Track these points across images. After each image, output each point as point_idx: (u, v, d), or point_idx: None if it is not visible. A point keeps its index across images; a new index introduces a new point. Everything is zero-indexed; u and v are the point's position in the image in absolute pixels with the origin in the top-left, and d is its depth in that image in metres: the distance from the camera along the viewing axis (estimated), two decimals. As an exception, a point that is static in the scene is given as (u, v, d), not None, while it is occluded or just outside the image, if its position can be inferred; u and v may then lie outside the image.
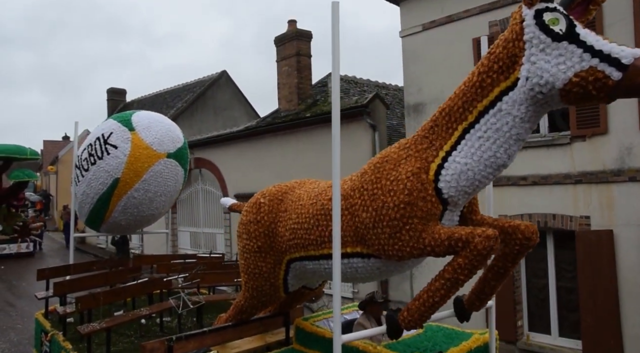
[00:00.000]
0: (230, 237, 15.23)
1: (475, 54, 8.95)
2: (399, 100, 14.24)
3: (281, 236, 4.08)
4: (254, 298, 4.47)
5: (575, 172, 7.79)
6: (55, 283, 7.09)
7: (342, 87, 13.99)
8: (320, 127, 12.11)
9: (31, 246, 21.87)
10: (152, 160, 7.51)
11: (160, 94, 24.44)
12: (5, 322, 11.67)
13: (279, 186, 4.41)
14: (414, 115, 10.01)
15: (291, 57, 13.42)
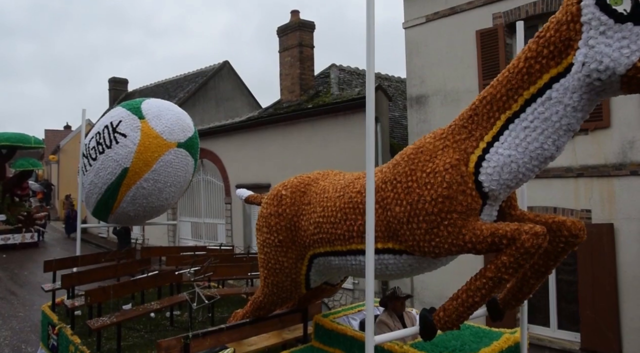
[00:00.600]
0: (231, 228, 15.24)
1: (478, 46, 8.79)
2: (401, 92, 14.17)
3: (304, 230, 3.86)
4: (274, 295, 4.25)
5: (577, 166, 7.69)
6: (63, 276, 6.86)
7: (345, 79, 13.77)
8: (322, 118, 11.93)
9: (35, 236, 21.50)
10: (162, 150, 7.24)
11: (162, 84, 24.08)
12: (8, 310, 11.67)
13: (301, 177, 4.16)
14: (416, 107, 9.86)
15: (294, 48, 13.19)
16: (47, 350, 6.60)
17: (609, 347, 7.36)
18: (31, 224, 21.46)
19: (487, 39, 8.70)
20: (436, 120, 9.50)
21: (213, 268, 6.91)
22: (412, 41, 10.00)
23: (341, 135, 11.50)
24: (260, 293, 4.39)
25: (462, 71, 9.11)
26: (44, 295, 13.31)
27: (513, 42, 8.58)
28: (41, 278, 15.31)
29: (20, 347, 9.36)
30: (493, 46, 8.62)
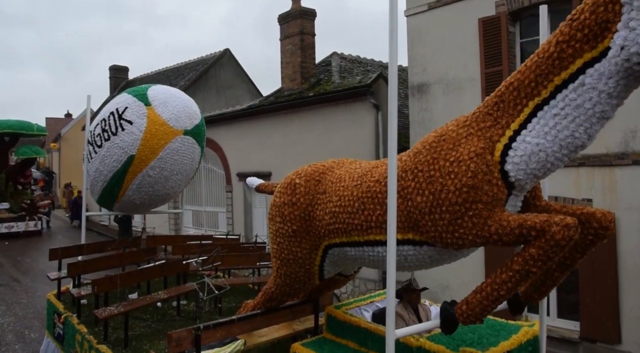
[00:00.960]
0: (232, 216, 15.26)
1: (480, 34, 8.64)
2: (402, 81, 14.06)
3: (319, 220, 3.73)
4: (286, 285, 4.13)
5: (579, 155, 7.73)
6: (69, 265, 6.68)
7: (346, 67, 13.55)
8: (323, 106, 11.77)
9: (39, 224, 21.24)
10: (168, 137, 7.08)
11: (162, 72, 23.75)
12: (11, 297, 11.72)
13: (315, 166, 4.01)
14: (417, 96, 9.72)
15: (295, 36, 12.99)
16: (53, 339, 6.51)
17: (609, 336, 7.33)
18: (35, 212, 21.25)
19: (490, 27, 8.61)
20: (438, 109, 9.45)
21: (220, 257, 6.79)
22: (414, 29, 9.87)
23: (342, 124, 11.37)
24: (272, 284, 4.26)
25: (464, 59, 9.03)
26: (47, 282, 13.38)
27: (516, 30, 8.50)
28: (43, 265, 15.38)
29: (23, 333, 9.42)
30: (495, 34, 8.53)
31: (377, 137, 10.61)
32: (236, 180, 14.60)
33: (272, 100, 13.45)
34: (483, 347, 3.49)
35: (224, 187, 15.32)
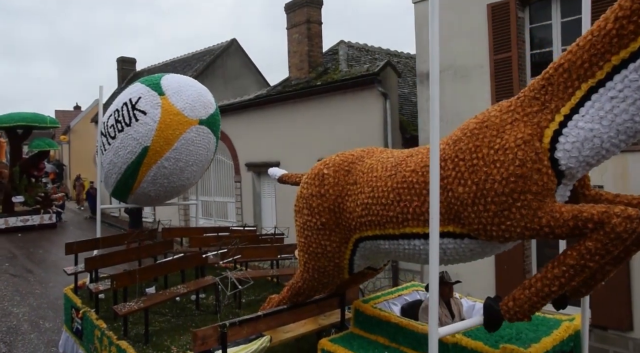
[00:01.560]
0: (241, 206, 15.31)
1: (489, 20, 8.40)
2: (410, 68, 13.94)
3: (350, 212, 3.52)
4: (314, 280, 3.94)
5: None
6: (86, 259, 6.53)
7: (354, 55, 13.29)
8: (331, 95, 11.58)
9: (54, 217, 20.97)
10: (183, 127, 6.86)
11: (170, 63, 23.42)
12: (25, 288, 11.85)
13: (343, 155, 3.79)
14: (426, 83, 9.41)
15: (301, 24, 12.73)
16: (72, 334, 6.38)
17: (620, 323, 7.21)
18: (49, 205, 21.06)
19: (499, 13, 8.47)
20: (446, 97, 9.36)
21: (240, 250, 6.61)
22: (422, 16, 9.65)
23: (350, 112, 11.20)
24: (299, 278, 4.07)
25: (473, 46, 8.89)
26: (60, 273, 13.53)
27: (525, 15, 8.37)
28: (56, 256, 15.55)
29: (38, 323, 9.55)
30: (504, 20, 8.39)
31: (385, 125, 10.53)
32: (245, 170, 14.61)
33: (280, 90, 13.34)
34: (523, 342, 3.29)
35: (232, 177, 15.35)
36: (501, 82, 8.47)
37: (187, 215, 17.68)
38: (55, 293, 11.48)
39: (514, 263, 8.15)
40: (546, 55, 8.12)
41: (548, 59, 8.04)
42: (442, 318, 4.00)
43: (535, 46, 8.35)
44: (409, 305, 4.41)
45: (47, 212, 20.76)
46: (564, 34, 7.91)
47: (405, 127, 10.68)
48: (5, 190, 20.78)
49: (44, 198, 20.93)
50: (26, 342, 8.65)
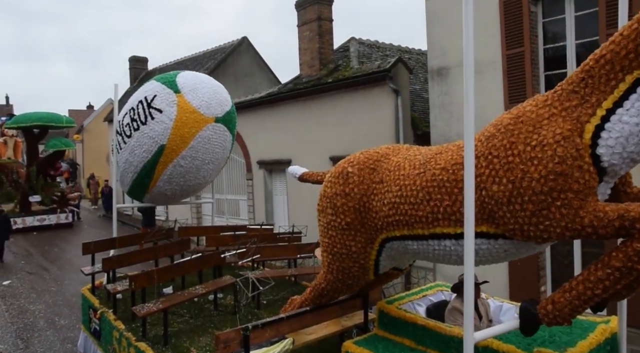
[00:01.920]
0: (252, 204, 15.35)
1: (501, 14, 8.26)
2: (422, 65, 13.85)
3: (376, 211, 3.42)
4: (339, 281, 3.82)
5: None
6: (104, 260, 6.47)
7: (365, 52, 13.15)
8: (342, 92, 11.49)
9: (70, 216, 20.93)
10: (199, 125, 6.72)
11: (181, 62, 23.38)
12: (40, 285, 11.95)
13: (368, 153, 3.68)
14: (437, 79, 9.44)
15: (312, 22, 12.65)
16: (90, 334, 6.32)
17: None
18: (65, 204, 20.99)
19: (511, 7, 8.36)
20: (458, 92, 9.30)
21: (258, 249, 6.49)
22: (433, 11, 9.53)
23: (362, 109, 11.12)
24: (323, 279, 3.96)
25: (484, 41, 8.81)
26: (75, 271, 13.69)
27: (538, 10, 8.28)
28: (70, 254, 15.72)
29: (54, 320, 9.66)
30: (517, 14, 8.28)
31: (397, 121, 10.48)
32: (257, 168, 14.65)
33: (291, 88, 13.30)
34: (558, 346, 3.13)
35: (244, 175, 15.39)
36: (514, 77, 8.40)
37: (199, 213, 17.77)
38: (70, 290, 11.60)
39: (527, 259, 8.07)
40: (560, 49, 8.02)
41: (561, 53, 7.95)
42: None
43: (548, 41, 8.24)
44: (434, 306, 4.30)
45: (64, 212, 20.75)
46: (577, 28, 7.80)
47: (417, 123, 10.63)
48: (22, 190, 20.79)
49: (60, 197, 20.91)
50: (42, 339, 8.74)
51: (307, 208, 12.70)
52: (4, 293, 11.53)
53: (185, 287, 6.39)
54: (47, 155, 22.11)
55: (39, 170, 20.94)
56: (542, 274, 8.27)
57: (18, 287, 11.64)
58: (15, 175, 22.56)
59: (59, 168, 23.02)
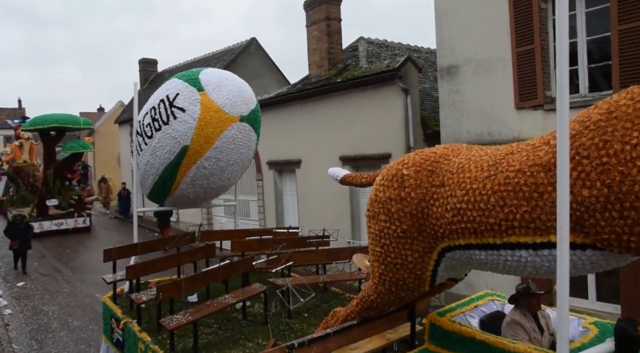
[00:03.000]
0: (263, 205, 15.36)
1: (511, 11, 8.05)
2: (431, 63, 13.76)
3: (437, 218, 3.12)
4: (391, 293, 3.50)
5: None
6: (127, 268, 6.15)
7: (374, 51, 12.88)
8: (352, 92, 11.29)
9: (87, 220, 20.35)
10: (224, 125, 6.38)
11: (191, 63, 23.01)
12: (54, 286, 11.99)
13: (424, 154, 3.37)
14: (447, 78, 9.25)
15: (321, 22, 12.45)
16: (112, 345, 5.98)
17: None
18: (82, 208, 20.40)
19: (520, 4, 8.19)
20: (468, 91, 9.25)
21: (292, 256, 6.11)
22: (442, 9, 9.30)
23: (371, 109, 10.90)
24: (372, 291, 3.62)
25: (494, 39, 8.65)
26: (87, 272, 13.80)
27: (548, 6, 8.20)
28: (82, 256, 15.83)
29: (67, 321, 9.75)
30: (527, 11, 8.11)
31: (407, 120, 10.42)
32: (266, 169, 14.67)
33: (300, 88, 13.18)
34: None
35: (254, 175, 15.43)
36: (524, 74, 8.33)
37: (209, 214, 17.83)
38: (83, 291, 11.67)
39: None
40: (571, 46, 7.97)
41: (573, 49, 7.89)
42: (530, 332, 3.59)
43: (559, 37, 8.18)
44: (488, 317, 3.97)
45: (81, 215, 20.17)
46: (588, 24, 7.72)
47: (426, 122, 10.58)
48: (40, 194, 20.21)
49: (77, 201, 20.33)
50: (56, 340, 8.77)
51: (316, 209, 12.72)
52: (18, 295, 11.63)
53: (210, 295, 6.04)
54: (65, 157, 21.57)
55: (56, 173, 20.38)
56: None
57: (32, 288, 11.74)
58: (31, 179, 22.11)
59: (76, 171, 22.46)
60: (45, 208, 19.93)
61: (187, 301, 5.71)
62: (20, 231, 13.27)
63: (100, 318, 9.51)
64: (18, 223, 13.34)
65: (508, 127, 8.51)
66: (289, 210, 14.08)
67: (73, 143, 21.38)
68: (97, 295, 11.31)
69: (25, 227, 13.63)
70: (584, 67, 7.71)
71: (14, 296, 11.44)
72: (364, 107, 11.15)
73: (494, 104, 8.77)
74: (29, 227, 13.92)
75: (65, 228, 19.62)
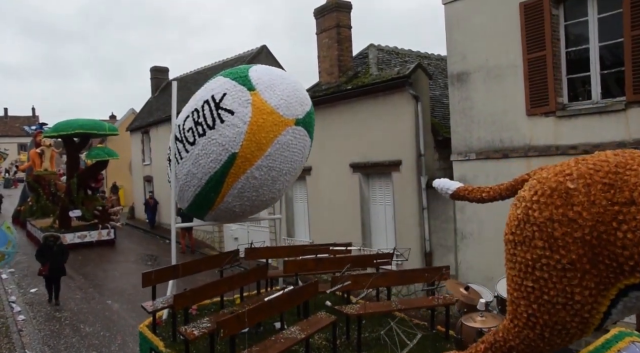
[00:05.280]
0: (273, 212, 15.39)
1: (522, 19, 8.18)
2: (441, 70, 13.79)
3: (622, 246, 2.49)
4: (542, 340, 2.85)
5: (631, 140, 7.12)
6: (176, 297, 5.51)
7: (384, 58, 13.09)
8: (361, 99, 11.49)
9: (112, 233, 18.99)
10: (278, 129, 5.69)
11: (201, 71, 23.38)
12: (65, 293, 12.08)
13: (593, 162, 2.70)
14: (457, 85, 9.38)
15: (331, 29, 12.68)
16: None
17: None
18: (107, 220, 19.05)
19: (532, 11, 8.25)
20: (479, 98, 9.23)
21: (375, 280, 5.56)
22: (452, 16, 9.43)
23: (382, 116, 11.05)
24: (512, 335, 2.96)
25: (505, 46, 8.70)
26: (98, 279, 13.98)
27: (559, 12, 8.15)
28: (93, 262, 16.03)
29: (79, 327, 9.84)
30: (538, 18, 8.14)
31: (417, 127, 10.44)
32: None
33: (311, 95, 13.38)
34: None
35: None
36: (536, 81, 8.32)
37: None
38: (95, 297, 11.84)
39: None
40: (582, 52, 7.92)
41: (584, 56, 7.86)
42: None
43: (570, 44, 8.15)
44: None
45: (105, 227, 18.92)
46: (601, 30, 7.70)
47: (437, 129, 10.59)
48: (62, 204, 19.07)
49: (101, 212, 18.99)
50: (68, 346, 8.90)
51: (327, 216, 12.71)
52: (31, 301, 11.77)
53: (262, 325, 5.65)
54: (89, 166, 20.47)
55: (80, 182, 19.15)
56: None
57: (44, 294, 11.87)
58: (53, 188, 21.23)
59: (100, 180, 21.09)
60: (67, 220, 18.86)
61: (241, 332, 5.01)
62: (53, 254, 11.21)
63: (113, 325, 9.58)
64: (50, 245, 11.34)
65: (520, 133, 8.49)
66: (300, 217, 14.13)
67: (98, 150, 20.34)
68: (108, 301, 11.39)
69: (59, 249, 11.46)
70: (596, 73, 7.70)
71: (27, 302, 11.59)
72: (374, 114, 11.20)
73: (505, 111, 8.76)
74: (63, 250, 11.61)
75: (89, 241, 18.51)
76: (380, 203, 11.74)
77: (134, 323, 9.64)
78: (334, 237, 12.20)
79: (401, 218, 10.87)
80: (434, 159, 10.49)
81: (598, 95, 7.77)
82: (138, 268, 15.20)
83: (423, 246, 10.38)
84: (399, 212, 10.92)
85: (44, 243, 11.45)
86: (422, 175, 10.29)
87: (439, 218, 10.13)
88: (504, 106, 8.83)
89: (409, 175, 10.59)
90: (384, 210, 11.59)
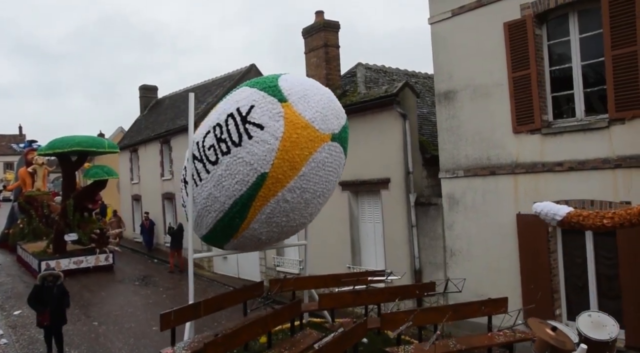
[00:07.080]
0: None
1: (506, 38, 8.42)
2: (429, 88, 13.99)
3: None
4: None
5: (614, 156, 7.30)
6: (207, 345, 4.87)
7: (371, 77, 13.37)
8: (350, 117, 11.75)
9: (111, 257, 17.71)
10: (314, 145, 5.09)
11: (190, 89, 23.36)
12: None
13: None
14: (445, 103, 9.56)
15: (319, 48, 12.95)
16: None
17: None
18: (105, 243, 17.65)
19: (516, 31, 8.46)
20: (465, 116, 9.36)
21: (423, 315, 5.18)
22: (439, 36, 9.71)
23: (370, 134, 11.22)
24: None
25: (490, 65, 8.90)
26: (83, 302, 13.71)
27: (542, 32, 8.36)
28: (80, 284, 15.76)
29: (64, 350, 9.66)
30: (522, 38, 8.37)
31: (405, 145, 10.55)
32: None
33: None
34: None
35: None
36: (521, 99, 8.46)
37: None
38: (81, 318, 11.62)
39: (542, 282, 7.99)
40: (566, 71, 8.10)
41: (568, 74, 8.03)
42: None
43: (554, 62, 8.34)
44: None
45: (103, 252, 17.59)
46: (582, 49, 7.90)
47: (425, 146, 10.69)
48: (57, 227, 17.59)
49: (99, 235, 17.45)
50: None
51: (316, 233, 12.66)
52: (14, 324, 11.54)
53: None
54: (87, 186, 19.09)
55: (77, 203, 17.54)
56: (556, 297, 8.18)
57: (29, 316, 11.64)
58: (46, 209, 19.75)
59: (98, 201, 19.34)
60: (62, 244, 17.41)
61: None
62: (53, 297, 8.77)
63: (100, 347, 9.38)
64: (49, 286, 8.83)
65: (506, 151, 8.61)
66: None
67: (97, 169, 18.52)
68: (94, 323, 11.18)
69: (59, 291, 8.91)
70: (580, 91, 7.86)
71: (10, 325, 11.37)
72: (363, 132, 11.25)
73: (491, 129, 8.89)
74: (63, 292, 9.03)
75: (86, 267, 17.19)
76: (369, 221, 11.76)
77: (121, 345, 9.45)
78: (324, 255, 12.18)
79: (390, 236, 10.88)
80: (422, 176, 10.56)
81: (582, 112, 7.93)
82: (126, 288, 14.97)
83: (412, 264, 10.39)
84: (388, 229, 10.94)
85: (42, 284, 8.88)
86: (410, 193, 10.35)
87: (428, 236, 10.16)
88: (491, 124, 8.96)
89: (397, 193, 10.64)
90: (373, 228, 11.60)
